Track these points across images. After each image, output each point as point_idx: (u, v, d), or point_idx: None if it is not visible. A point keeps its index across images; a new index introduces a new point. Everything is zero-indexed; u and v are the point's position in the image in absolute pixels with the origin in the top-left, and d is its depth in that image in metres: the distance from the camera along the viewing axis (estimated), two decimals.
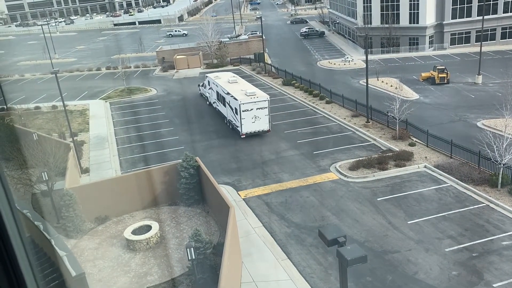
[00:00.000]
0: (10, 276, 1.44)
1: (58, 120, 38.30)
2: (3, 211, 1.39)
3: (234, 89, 37.82)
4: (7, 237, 1.41)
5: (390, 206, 24.39)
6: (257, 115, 35.21)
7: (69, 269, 15.42)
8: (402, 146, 31.74)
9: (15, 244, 1.42)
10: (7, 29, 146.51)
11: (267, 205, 25.46)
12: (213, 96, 43.07)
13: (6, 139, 31.42)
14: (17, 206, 1.55)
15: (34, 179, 25.16)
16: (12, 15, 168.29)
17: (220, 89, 39.79)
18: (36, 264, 1.56)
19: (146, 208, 25.18)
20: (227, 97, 37.75)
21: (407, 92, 44.81)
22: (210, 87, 44.02)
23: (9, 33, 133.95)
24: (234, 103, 35.87)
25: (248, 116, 35.03)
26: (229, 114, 37.78)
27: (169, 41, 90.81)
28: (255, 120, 35.26)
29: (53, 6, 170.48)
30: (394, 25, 66.00)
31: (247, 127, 35.32)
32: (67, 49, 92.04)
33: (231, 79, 41.09)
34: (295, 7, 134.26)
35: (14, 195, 1.50)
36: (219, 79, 41.93)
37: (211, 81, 43.50)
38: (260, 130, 35.65)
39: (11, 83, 63.75)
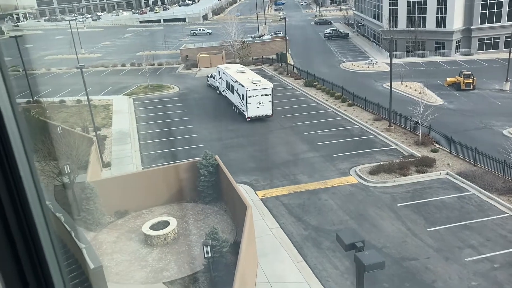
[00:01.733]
0: (36, 270, 1.45)
1: (82, 114, 39.02)
2: (33, 206, 1.41)
3: (242, 78, 41.99)
4: (35, 232, 1.43)
5: (410, 213, 24.01)
6: (262, 101, 39.49)
7: (88, 261, 15.68)
8: (424, 152, 31.21)
9: (43, 238, 1.43)
10: (36, 23, 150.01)
11: (285, 206, 25.38)
12: (223, 85, 46.97)
13: (31, 131, 32.18)
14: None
15: (57, 171, 25.67)
16: (41, 10, 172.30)
17: (229, 78, 43.82)
18: (62, 257, 1.58)
19: (164, 204, 25.42)
20: (235, 85, 41.87)
21: (431, 97, 44.06)
22: (220, 77, 47.80)
23: (38, 28, 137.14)
24: (241, 90, 40.15)
25: (254, 102, 39.34)
26: (237, 100, 41.94)
27: (193, 39, 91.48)
28: (259, 105, 39.57)
29: (81, 2, 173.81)
30: (420, 28, 64.93)
31: (252, 112, 39.62)
32: (93, 45, 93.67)
33: (239, 69, 45.54)
34: (320, 8, 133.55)
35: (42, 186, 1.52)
36: (229, 70, 46.01)
37: (221, 71, 47.50)
38: (264, 115, 39.98)
39: (38, 77, 65.25)
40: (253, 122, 39.89)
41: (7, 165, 1.34)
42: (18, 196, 1.37)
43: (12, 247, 1.41)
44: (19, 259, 1.42)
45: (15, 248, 1.41)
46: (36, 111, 39.78)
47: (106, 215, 24.01)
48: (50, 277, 1.47)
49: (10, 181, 1.35)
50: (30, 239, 1.43)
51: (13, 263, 1.41)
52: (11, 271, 1.41)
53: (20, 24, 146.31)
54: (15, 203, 1.37)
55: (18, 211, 1.40)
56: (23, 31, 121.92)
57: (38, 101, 45.93)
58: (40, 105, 43.51)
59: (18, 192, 1.36)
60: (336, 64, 64.35)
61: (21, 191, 1.36)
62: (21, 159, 1.36)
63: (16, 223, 1.39)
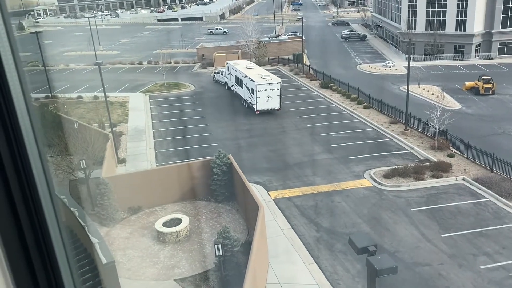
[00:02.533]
0: (45, 264, 1.46)
1: (99, 110, 39.47)
2: (43, 199, 1.41)
3: (251, 73, 43.51)
4: (44, 223, 1.43)
5: (424, 218, 23.71)
6: (270, 95, 41.07)
7: (101, 257, 15.84)
8: (440, 157, 30.79)
9: (55, 240, 1.44)
10: (56, 20, 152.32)
11: (297, 207, 25.30)
12: (232, 80, 48.55)
13: (49, 126, 32.66)
14: (56, 192, 1.57)
15: (73, 166, 26.01)
16: (61, 7, 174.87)
17: (239, 73, 45.44)
18: (72, 254, 1.58)
19: (177, 201, 25.56)
20: (245, 79, 43.42)
21: (449, 101, 43.45)
22: (230, 72, 49.20)
23: (57, 24, 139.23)
24: (251, 84, 41.67)
25: (263, 96, 40.91)
26: (246, 94, 43.58)
27: (209, 38, 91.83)
28: (268, 99, 41.11)
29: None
30: (440, 31, 64.10)
31: (261, 105, 41.17)
32: (111, 42, 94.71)
33: (248, 65, 47.32)
34: (338, 9, 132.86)
35: (53, 181, 1.52)
36: (238, 65, 47.63)
37: (230, 66, 49.00)
38: (272, 108, 41.59)
39: (57, 72, 66.20)
40: (268, 123, 39.87)
41: (20, 161, 1.35)
42: (31, 196, 1.37)
43: (24, 248, 1.41)
44: (31, 260, 1.42)
45: (27, 249, 1.41)
46: (54, 106, 40.39)
47: (120, 211, 24.23)
48: (60, 278, 1.47)
49: (22, 177, 1.35)
50: (42, 241, 1.43)
51: (25, 265, 1.42)
52: (23, 272, 1.41)
53: (41, 20, 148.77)
54: (27, 203, 1.37)
55: (30, 210, 1.40)
56: (43, 27, 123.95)
57: (56, 96, 46.60)
58: (58, 100, 44.14)
59: (30, 191, 1.36)
60: (353, 65, 63.91)
61: (34, 191, 1.36)
62: (33, 156, 1.36)
63: (29, 223, 1.39)
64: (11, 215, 1.36)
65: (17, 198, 1.36)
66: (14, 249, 1.38)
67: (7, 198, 1.34)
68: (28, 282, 1.42)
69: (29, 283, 1.42)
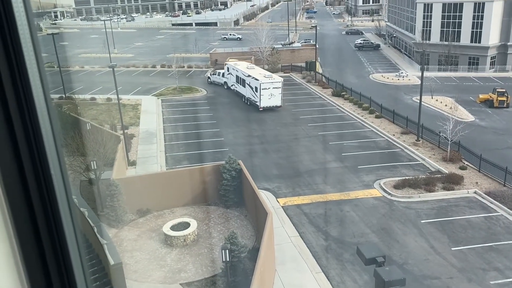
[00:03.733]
0: (59, 264, 1.47)
1: (111, 112, 39.84)
2: (59, 198, 1.43)
3: (254, 73, 46.70)
4: (60, 224, 1.44)
5: (434, 230, 23.44)
6: (273, 93, 44.03)
7: (108, 257, 15.91)
8: (452, 169, 30.47)
9: (69, 239, 1.45)
10: (73, 22, 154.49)
11: (306, 215, 25.19)
12: (232, 80, 51.33)
13: (62, 126, 33.04)
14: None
15: (84, 167, 26.24)
16: (78, 9, 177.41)
17: (241, 73, 48.18)
18: (85, 254, 1.60)
19: (186, 205, 25.60)
20: (248, 79, 46.09)
21: (462, 113, 43.04)
22: (230, 72, 52.02)
23: (74, 26, 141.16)
24: (255, 83, 44.39)
25: (266, 93, 43.82)
26: (248, 92, 46.28)
27: (223, 44, 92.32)
28: (270, 97, 44.06)
29: (117, 3, 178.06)
30: (454, 43, 63.69)
31: (264, 102, 44.08)
32: (126, 45, 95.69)
33: (249, 66, 50.41)
34: (352, 18, 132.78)
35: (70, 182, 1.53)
36: (239, 66, 50.47)
37: (230, 67, 51.78)
38: (274, 105, 44.55)
39: (71, 74, 67.02)
40: (279, 130, 39.87)
41: (38, 161, 1.36)
42: (49, 198, 1.38)
43: (39, 248, 1.42)
44: (45, 259, 1.44)
45: (42, 248, 1.43)
46: (67, 107, 40.84)
47: (129, 212, 24.34)
48: (74, 279, 1.49)
49: (40, 177, 1.36)
50: (57, 241, 1.44)
51: (39, 264, 1.43)
52: (37, 271, 1.43)
53: (58, 22, 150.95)
54: (45, 204, 1.39)
55: (47, 210, 1.42)
56: (60, 29, 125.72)
57: (70, 97, 47.15)
58: (72, 101, 44.64)
59: (48, 193, 1.38)
60: (366, 74, 63.72)
61: (51, 191, 1.38)
62: (52, 157, 1.37)
63: (45, 222, 1.40)
64: (28, 215, 1.38)
65: (34, 197, 1.38)
66: (29, 248, 1.39)
67: (25, 197, 1.36)
68: (42, 281, 1.44)
69: (42, 282, 1.44)
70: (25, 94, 1.30)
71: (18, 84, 1.30)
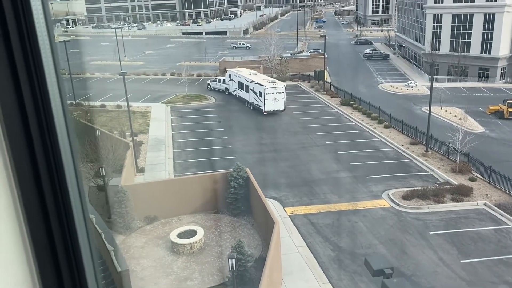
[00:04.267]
0: (72, 267, 1.49)
1: (121, 119, 40.14)
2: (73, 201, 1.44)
3: (257, 79, 48.41)
4: (74, 228, 1.46)
5: (443, 242, 23.18)
6: (276, 98, 45.65)
7: (115, 264, 15.93)
8: (461, 180, 30.19)
9: (82, 244, 1.46)
10: (84, 29, 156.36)
11: (313, 225, 25.05)
12: (234, 86, 52.91)
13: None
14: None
15: (93, 173, 26.39)
16: (90, 17, 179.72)
17: (243, 79, 49.81)
18: (97, 258, 1.61)
19: (193, 213, 25.60)
20: (251, 84, 47.83)
21: (471, 124, 42.74)
22: (231, 79, 53.64)
23: (85, 34, 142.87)
24: (259, 88, 46.02)
25: (270, 98, 45.44)
26: (252, 97, 47.96)
27: (232, 53, 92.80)
28: (274, 102, 45.69)
29: (128, 11, 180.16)
30: (464, 53, 63.45)
31: (268, 106, 45.68)
32: (136, 53, 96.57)
33: (251, 72, 52.09)
34: (361, 28, 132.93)
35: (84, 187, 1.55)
36: (241, 72, 52.24)
37: (232, 73, 53.79)
38: (277, 110, 46.18)
39: (82, 80, 67.69)
40: (288, 138, 39.84)
41: (54, 165, 1.38)
42: (63, 203, 1.40)
43: (52, 249, 1.44)
44: (59, 264, 1.45)
45: (55, 250, 1.44)
46: (77, 113, 41.23)
47: (136, 219, 24.39)
48: (85, 281, 1.50)
49: (55, 180, 1.39)
50: (69, 243, 1.46)
51: (52, 266, 1.44)
52: (49, 273, 1.44)
53: (69, 29, 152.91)
54: (59, 209, 1.41)
55: (61, 215, 1.44)
56: (72, 36, 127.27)
57: (80, 104, 47.61)
58: (82, 108, 45.07)
59: (63, 198, 1.40)
60: (374, 84, 63.62)
61: (65, 194, 1.40)
62: (67, 161, 1.40)
63: (59, 228, 1.42)
64: (42, 216, 1.40)
65: (48, 200, 1.40)
66: (42, 249, 1.41)
67: (39, 198, 1.38)
68: (54, 283, 1.45)
69: (54, 283, 1.45)
70: (43, 100, 1.33)
71: (36, 90, 1.33)
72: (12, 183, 1.36)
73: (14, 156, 1.33)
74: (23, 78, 1.31)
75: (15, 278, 1.39)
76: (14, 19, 1.28)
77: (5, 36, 1.28)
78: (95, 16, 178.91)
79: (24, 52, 1.31)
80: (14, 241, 1.39)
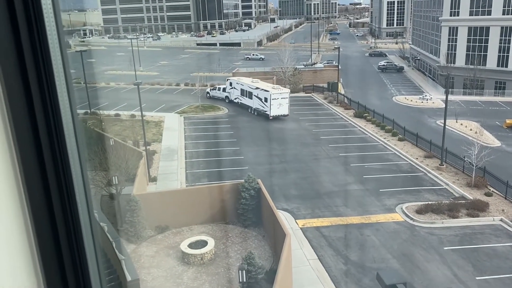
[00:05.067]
0: (76, 268, 1.48)
1: (135, 128, 40.47)
2: (82, 217, 1.44)
3: (261, 85, 50.93)
4: (80, 233, 1.45)
5: (458, 258, 22.72)
6: (281, 103, 48.23)
7: (126, 273, 15.92)
8: (477, 195, 29.66)
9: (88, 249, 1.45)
10: (100, 40, 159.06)
11: (325, 238, 24.79)
12: (235, 93, 55.19)
13: (86, 141, 33.67)
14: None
15: (106, 182, 26.57)
16: (106, 28, 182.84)
17: (246, 87, 52.48)
18: (102, 261, 1.60)
19: (204, 223, 25.56)
20: (255, 91, 50.48)
21: (487, 138, 42.12)
22: (233, 87, 55.94)
23: (102, 44, 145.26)
24: (264, 94, 48.67)
25: (275, 103, 48.06)
26: (256, 103, 50.46)
27: (246, 64, 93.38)
28: (279, 107, 48.22)
29: (144, 22, 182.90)
30: (480, 66, 62.84)
31: (274, 111, 48.26)
32: (151, 63, 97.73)
33: (254, 80, 54.65)
34: (375, 40, 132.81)
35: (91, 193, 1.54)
36: (243, 80, 55.01)
37: (234, 82, 56.26)
38: (282, 114, 48.66)
39: (97, 90, 68.63)
40: (300, 149, 39.72)
41: (62, 171, 1.37)
42: (70, 207, 1.39)
43: (57, 250, 1.43)
44: (63, 262, 1.45)
45: (60, 251, 1.44)
46: (92, 122, 41.72)
47: (148, 229, 24.42)
48: (89, 282, 1.49)
49: (62, 186, 1.38)
50: (75, 244, 1.45)
51: (56, 266, 1.44)
52: (54, 273, 1.44)
53: (86, 39, 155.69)
54: (66, 214, 1.40)
55: (68, 220, 1.43)
56: (88, 46, 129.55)
57: (95, 113, 48.20)
58: (97, 117, 45.61)
59: (70, 204, 1.39)
60: (389, 96, 63.27)
61: (73, 204, 1.39)
62: (75, 168, 1.39)
63: (66, 234, 1.41)
64: (48, 218, 1.39)
65: (56, 204, 1.39)
66: (48, 249, 1.40)
67: (46, 200, 1.37)
68: (59, 283, 1.44)
69: (59, 284, 1.45)
70: (53, 108, 1.32)
71: (46, 98, 1.32)
72: (21, 188, 1.37)
73: (23, 162, 1.35)
74: (34, 87, 1.31)
75: (21, 279, 1.40)
76: (27, 29, 1.28)
77: (18, 45, 1.28)
78: (111, 27, 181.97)
79: (36, 62, 1.31)
80: (21, 245, 1.40)
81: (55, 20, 1.29)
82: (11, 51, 1.24)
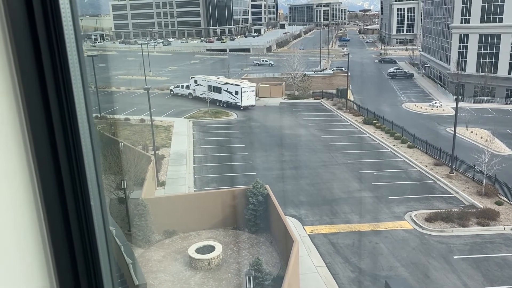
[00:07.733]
0: (89, 269, 1.49)
1: (144, 133, 40.69)
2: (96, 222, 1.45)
3: (230, 81, 59.51)
4: (93, 234, 1.46)
5: (467, 267, 22.44)
6: (250, 96, 56.67)
7: (133, 278, 15.95)
8: (487, 204, 29.33)
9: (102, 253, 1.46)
10: (111, 45, 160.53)
11: (333, 245, 24.65)
12: (202, 89, 60.63)
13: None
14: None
15: (114, 186, 26.71)
16: (117, 33, 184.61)
17: (214, 83, 59.63)
18: (114, 262, 1.61)
19: (212, 228, 25.55)
20: (224, 86, 58.00)
21: (498, 146, 41.69)
22: (198, 84, 62.08)
23: (112, 49, 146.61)
24: (235, 88, 56.59)
25: (245, 96, 56.15)
26: (225, 97, 57.83)
27: (255, 69, 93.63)
28: (248, 99, 56.55)
29: (155, 28, 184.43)
30: (491, 74, 62.35)
31: (244, 102, 56.21)
32: (161, 68, 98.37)
33: (220, 77, 62.94)
34: (385, 47, 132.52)
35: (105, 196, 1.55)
36: (210, 78, 62.00)
37: (199, 79, 62.58)
38: (250, 105, 56.84)
39: (108, 94, 69.18)
40: (309, 156, 39.63)
41: (77, 174, 1.39)
42: (84, 211, 1.40)
43: (70, 251, 1.44)
44: (76, 263, 1.46)
45: (73, 252, 1.45)
46: (102, 126, 42.02)
47: (155, 233, 24.48)
48: (101, 283, 1.49)
49: (78, 194, 1.39)
50: (88, 245, 1.46)
51: (69, 267, 1.46)
52: (67, 273, 1.45)
53: (97, 44, 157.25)
54: (80, 217, 1.41)
55: (82, 223, 1.44)
56: (99, 51, 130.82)
57: (105, 117, 48.54)
58: (106, 121, 45.91)
59: (85, 208, 1.40)
60: (398, 103, 62.99)
61: (88, 207, 1.40)
62: (90, 170, 1.40)
63: (80, 237, 1.42)
64: (62, 221, 1.40)
65: (70, 207, 1.40)
66: (61, 252, 1.41)
67: (61, 203, 1.38)
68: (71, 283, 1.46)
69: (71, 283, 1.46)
70: (69, 112, 1.34)
71: (63, 102, 1.34)
72: (36, 191, 1.39)
73: (39, 165, 1.37)
74: (51, 91, 1.33)
75: (35, 282, 1.42)
76: (45, 33, 1.30)
77: (36, 49, 1.30)
78: (122, 32, 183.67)
79: (53, 65, 1.32)
80: (35, 247, 1.42)
81: (73, 24, 1.31)
82: (29, 54, 1.26)
